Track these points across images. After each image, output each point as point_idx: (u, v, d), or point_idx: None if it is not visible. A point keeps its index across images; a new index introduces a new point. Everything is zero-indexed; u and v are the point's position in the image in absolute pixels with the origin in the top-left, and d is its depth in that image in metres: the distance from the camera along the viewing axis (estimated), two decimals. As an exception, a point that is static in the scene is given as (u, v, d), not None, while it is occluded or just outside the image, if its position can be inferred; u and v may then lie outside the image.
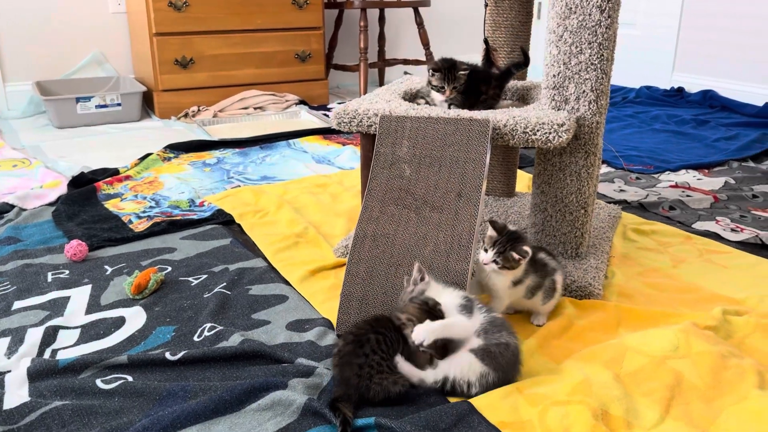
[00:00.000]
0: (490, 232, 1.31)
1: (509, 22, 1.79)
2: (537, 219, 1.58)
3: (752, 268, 1.63)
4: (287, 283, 1.55)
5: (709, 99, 3.53)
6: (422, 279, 1.21)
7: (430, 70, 1.59)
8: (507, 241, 1.28)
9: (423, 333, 1.09)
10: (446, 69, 1.56)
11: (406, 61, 3.99)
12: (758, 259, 1.68)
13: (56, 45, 3.44)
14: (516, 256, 1.27)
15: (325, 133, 2.97)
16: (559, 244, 1.57)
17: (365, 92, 3.62)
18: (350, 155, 2.63)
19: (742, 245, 1.77)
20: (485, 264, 1.29)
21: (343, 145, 2.78)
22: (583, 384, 1.11)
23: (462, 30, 4.46)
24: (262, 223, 1.91)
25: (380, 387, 1.07)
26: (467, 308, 1.16)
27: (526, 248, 1.27)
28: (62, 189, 2.18)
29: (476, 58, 1.87)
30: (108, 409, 1.08)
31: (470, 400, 1.08)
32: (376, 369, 1.08)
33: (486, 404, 1.07)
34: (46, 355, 1.26)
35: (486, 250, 1.30)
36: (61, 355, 1.25)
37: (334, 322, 1.34)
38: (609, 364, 1.18)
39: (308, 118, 3.33)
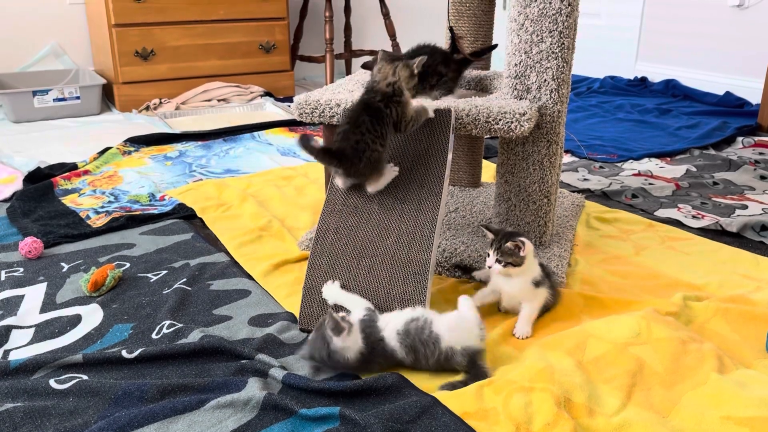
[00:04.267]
0: (488, 236, 1.31)
1: (472, 11, 1.78)
2: (501, 209, 1.58)
3: (713, 254, 1.65)
4: (250, 277, 1.53)
5: (671, 88, 3.58)
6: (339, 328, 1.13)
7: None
8: (502, 238, 1.27)
9: None
10: (407, 58, 1.54)
11: (372, 52, 3.96)
12: (719, 245, 1.70)
13: (11, 37, 3.33)
14: (511, 246, 1.25)
15: (291, 125, 2.94)
16: (523, 234, 1.56)
17: (332, 83, 3.58)
18: (316, 147, 2.60)
19: (703, 232, 1.80)
20: (490, 267, 1.28)
21: (309, 137, 2.74)
22: (545, 371, 1.11)
23: (427, 20, 4.44)
24: (225, 217, 1.88)
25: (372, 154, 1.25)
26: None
27: (522, 237, 1.26)
28: (18, 185, 2.12)
29: (442, 47, 1.86)
30: (62, 410, 1.05)
31: (434, 393, 1.07)
32: (370, 146, 1.26)
33: (450, 395, 1.07)
34: (-2, 356, 1.22)
35: (488, 255, 1.29)
36: (14, 356, 1.21)
37: (298, 316, 1.32)
38: (572, 352, 1.18)
39: (273, 110, 3.29)
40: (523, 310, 1.29)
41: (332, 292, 1.26)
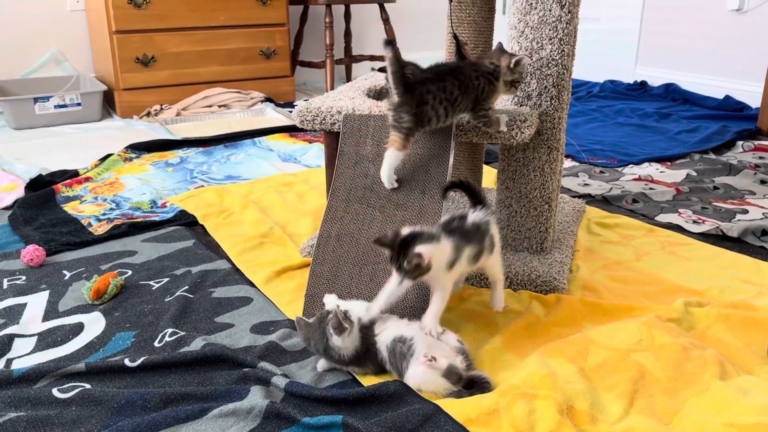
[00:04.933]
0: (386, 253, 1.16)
1: (472, 18, 1.78)
2: (502, 215, 1.58)
3: (714, 259, 1.65)
4: (252, 284, 1.53)
5: (671, 92, 3.59)
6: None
7: (380, 71, 1.60)
8: (400, 255, 1.11)
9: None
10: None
11: (372, 57, 3.98)
12: (719, 250, 1.71)
13: (13, 44, 3.34)
14: (411, 263, 1.10)
15: (292, 130, 2.94)
16: (524, 239, 1.57)
17: (332, 89, 3.59)
18: (317, 153, 2.61)
19: (704, 237, 1.80)
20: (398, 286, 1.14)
21: (310, 142, 2.75)
22: (548, 378, 1.11)
23: (427, 25, 4.46)
24: (227, 224, 1.88)
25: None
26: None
27: (417, 250, 1.09)
28: (19, 192, 2.12)
29: (441, 54, 1.87)
30: (65, 420, 1.05)
31: (436, 400, 1.07)
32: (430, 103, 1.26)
33: (452, 403, 1.07)
34: (0, 365, 1.22)
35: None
36: (16, 365, 1.21)
37: (299, 324, 1.32)
38: (573, 359, 1.18)
39: (274, 116, 3.29)
40: (437, 296, 1.17)
41: (332, 300, 1.25)
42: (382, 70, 1.62)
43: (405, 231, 1.13)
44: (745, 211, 1.97)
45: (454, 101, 1.28)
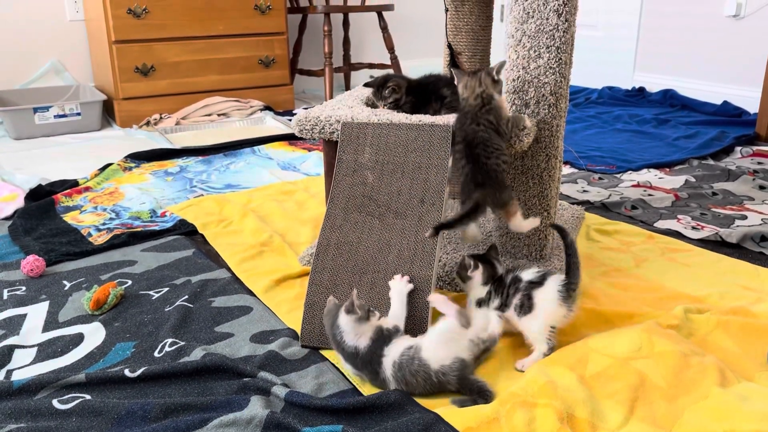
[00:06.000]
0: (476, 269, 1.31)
1: (470, 27, 1.79)
2: (501, 222, 1.59)
3: (713, 266, 1.65)
4: (251, 293, 1.53)
5: (669, 98, 3.60)
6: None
7: (365, 86, 1.66)
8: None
9: None
10: (377, 86, 1.61)
11: (371, 65, 3.99)
12: (719, 256, 1.71)
13: (12, 54, 3.36)
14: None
15: (291, 139, 2.95)
16: (524, 246, 1.57)
17: (331, 97, 3.60)
18: (316, 161, 2.61)
19: (703, 243, 1.80)
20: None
21: (309, 150, 2.76)
22: (548, 386, 1.11)
23: (425, 33, 4.47)
24: (226, 233, 1.88)
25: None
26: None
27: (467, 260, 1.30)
28: (19, 202, 2.13)
29: (439, 61, 1.88)
30: (65, 431, 1.05)
31: (436, 410, 1.07)
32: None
33: (453, 411, 1.07)
34: (1, 376, 1.22)
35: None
36: (16, 376, 1.21)
37: (299, 333, 1.32)
38: (573, 366, 1.18)
39: (273, 124, 3.30)
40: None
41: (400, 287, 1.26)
42: (368, 85, 1.64)
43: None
44: (744, 217, 1.97)
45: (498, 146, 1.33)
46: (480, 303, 1.30)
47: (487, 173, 1.29)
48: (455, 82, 1.41)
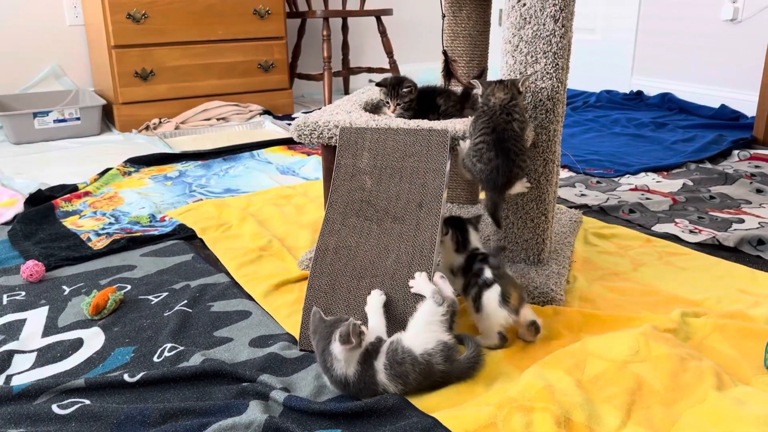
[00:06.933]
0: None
1: (467, 32, 1.80)
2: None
3: (710, 269, 1.66)
4: (250, 298, 1.54)
5: (667, 102, 3.61)
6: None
7: (377, 85, 1.62)
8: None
9: None
10: (391, 85, 1.60)
11: (370, 69, 4.00)
12: (716, 259, 1.71)
13: (12, 59, 3.36)
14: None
15: (290, 143, 2.96)
16: (522, 251, 1.58)
17: (330, 101, 3.61)
18: (315, 165, 2.62)
19: (700, 246, 1.81)
20: None
21: (308, 155, 2.77)
22: (545, 390, 1.11)
23: (424, 38, 4.48)
24: (225, 237, 1.89)
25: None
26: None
27: None
28: (19, 207, 2.13)
29: (438, 66, 1.88)
30: (64, 436, 1.05)
31: (434, 414, 1.08)
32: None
33: (451, 416, 1.07)
34: (0, 381, 1.22)
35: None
36: (16, 381, 1.22)
37: (298, 337, 1.32)
38: (571, 370, 1.19)
39: (272, 129, 3.31)
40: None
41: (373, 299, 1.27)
42: (381, 84, 1.64)
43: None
44: (741, 221, 1.98)
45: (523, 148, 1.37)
46: (454, 271, 1.37)
47: (511, 170, 1.32)
48: (450, 91, 1.42)
